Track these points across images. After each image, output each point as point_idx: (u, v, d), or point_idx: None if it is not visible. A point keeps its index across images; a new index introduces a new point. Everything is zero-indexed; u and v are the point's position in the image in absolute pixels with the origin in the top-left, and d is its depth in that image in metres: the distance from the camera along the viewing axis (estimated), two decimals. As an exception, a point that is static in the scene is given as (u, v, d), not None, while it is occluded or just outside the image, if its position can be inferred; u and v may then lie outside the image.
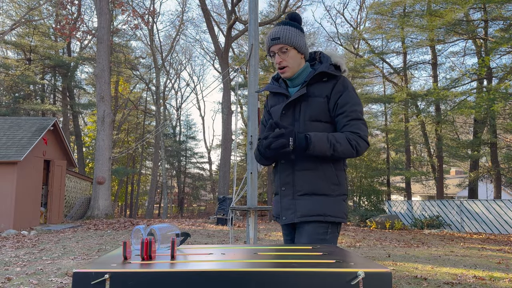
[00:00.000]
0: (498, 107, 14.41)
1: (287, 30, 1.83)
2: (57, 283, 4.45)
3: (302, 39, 1.86)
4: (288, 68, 1.84)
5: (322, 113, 1.79)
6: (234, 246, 1.36)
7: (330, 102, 1.79)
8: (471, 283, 4.80)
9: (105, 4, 15.78)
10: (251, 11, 4.40)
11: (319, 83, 1.82)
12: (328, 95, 1.79)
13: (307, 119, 1.79)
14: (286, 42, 1.82)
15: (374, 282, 0.92)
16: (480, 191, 20.21)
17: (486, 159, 22.12)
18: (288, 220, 1.78)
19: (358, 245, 9.01)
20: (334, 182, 1.77)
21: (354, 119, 1.75)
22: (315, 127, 1.78)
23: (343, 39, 26.52)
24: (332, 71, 1.81)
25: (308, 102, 1.80)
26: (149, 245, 1.08)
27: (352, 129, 1.74)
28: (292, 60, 1.84)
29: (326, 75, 1.82)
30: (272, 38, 1.83)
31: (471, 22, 17.45)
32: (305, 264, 1.00)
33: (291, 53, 1.83)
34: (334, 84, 1.80)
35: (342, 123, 1.77)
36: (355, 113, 1.76)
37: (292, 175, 1.79)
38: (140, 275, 0.92)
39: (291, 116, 1.84)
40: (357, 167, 21.81)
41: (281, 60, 1.83)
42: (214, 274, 0.92)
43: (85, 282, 0.92)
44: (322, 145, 1.66)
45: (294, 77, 1.88)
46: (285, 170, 1.81)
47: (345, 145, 1.69)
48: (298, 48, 1.84)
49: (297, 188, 1.77)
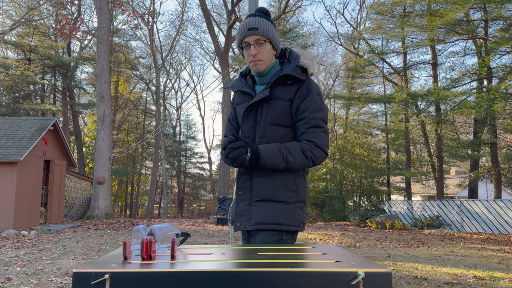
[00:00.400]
0: (498, 107, 14.41)
1: (264, 22, 1.72)
2: (57, 283, 4.45)
3: (276, 35, 1.78)
4: (263, 62, 1.75)
5: (284, 117, 1.71)
6: (234, 246, 1.36)
7: (292, 106, 1.72)
8: (471, 283, 4.80)
9: (105, 4, 15.78)
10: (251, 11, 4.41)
11: (284, 85, 1.74)
12: (292, 98, 1.71)
13: (269, 122, 1.72)
14: (264, 34, 1.71)
15: (374, 282, 0.92)
16: (480, 191, 20.21)
17: (486, 159, 22.13)
18: (242, 227, 1.72)
19: (358, 245, 9.01)
20: (292, 189, 1.70)
21: (313, 127, 1.68)
22: (276, 131, 1.71)
23: (343, 39, 26.54)
24: (298, 74, 1.72)
25: (271, 105, 1.72)
26: (149, 245, 1.08)
27: (310, 137, 1.67)
28: (266, 54, 1.75)
29: (291, 78, 1.73)
30: (249, 28, 1.70)
31: (471, 22, 17.45)
32: (305, 264, 1.00)
33: (267, 47, 1.74)
34: (298, 87, 1.72)
35: (301, 130, 1.70)
36: (315, 120, 1.69)
37: (250, 181, 1.73)
38: (140, 275, 0.92)
39: (253, 119, 1.76)
40: (357, 167, 21.81)
41: (256, 52, 1.72)
42: (214, 274, 0.92)
43: (85, 282, 0.92)
44: (274, 159, 1.60)
45: (264, 73, 1.79)
46: (244, 175, 1.76)
47: (299, 157, 1.63)
48: (273, 42, 1.76)
49: (254, 194, 1.71)
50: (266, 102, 1.73)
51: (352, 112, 28.57)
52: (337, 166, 23.09)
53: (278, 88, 1.73)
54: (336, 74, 31.22)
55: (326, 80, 33.94)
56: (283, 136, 1.71)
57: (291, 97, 1.71)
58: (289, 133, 1.73)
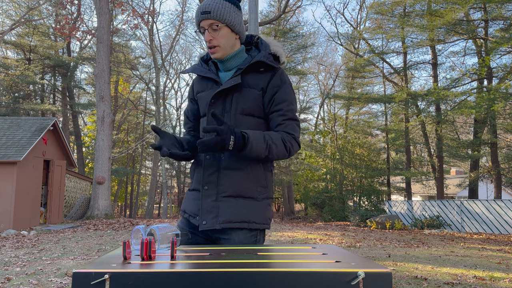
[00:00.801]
0: (498, 107, 14.41)
1: (220, 4, 1.58)
2: (57, 283, 4.44)
3: (237, 17, 1.63)
4: (219, 48, 1.61)
5: (256, 106, 1.61)
6: (234, 246, 1.36)
7: (265, 96, 1.61)
8: (471, 283, 4.80)
9: (105, 4, 15.78)
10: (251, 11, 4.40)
11: (255, 73, 1.62)
12: (264, 87, 1.61)
13: (239, 112, 1.60)
14: (218, 18, 1.57)
15: (374, 282, 0.92)
16: (480, 191, 20.22)
17: (486, 159, 22.15)
18: (209, 225, 1.55)
19: (358, 245, 9.01)
20: (262, 184, 1.60)
21: (290, 119, 1.61)
22: (247, 121, 1.60)
23: (343, 39, 26.55)
24: (271, 61, 1.62)
25: (242, 93, 1.60)
26: (149, 245, 1.08)
27: (288, 129, 1.59)
28: (224, 40, 1.61)
29: (264, 65, 1.62)
30: (202, 12, 1.57)
31: (471, 22, 17.46)
32: (305, 264, 1.00)
33: (223, 31, 1.60)
34: (271, 76, 1.62)
35: (277, 121, 1.61)
36: (292, 113, 1.62)
37: (217, 173, 1.58)
38: (140, 275, 0.92)
39: (221, 107, 1.62)
40: (357, 167, 21.83)
41: (211, 38, 1.59)
42: (214, 274, 0.92)
43: (85, 282, 0.92)
44: (259, 146, 1.48)
45: (225, 59, 1.65)
46: (210, 167, 1.60)
47: (280, 147, 1.55)
48: (231, 26, 1.60)
49: (221, 189, 1.57)
50: (236, 90, 1.60)
51: (352, 112, 28.58)
52: (337, 166, 23.10)
53: (249, 75, 1.62)
54: (336, 74, 31.23)
55: (326, 80, 33.97)
56: (254, 126, 1.61)
57: (263, 86, 1.61)
58: (261, 123, 1.63)
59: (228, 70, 1.68)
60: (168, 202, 31.25)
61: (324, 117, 32.52)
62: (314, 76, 33.67)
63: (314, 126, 31.34)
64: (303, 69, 28.06)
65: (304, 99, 34.72)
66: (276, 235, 10.59)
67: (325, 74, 33.94)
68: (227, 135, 1.39)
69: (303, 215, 28.64)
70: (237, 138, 1.42)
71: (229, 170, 1.57)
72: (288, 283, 0.92)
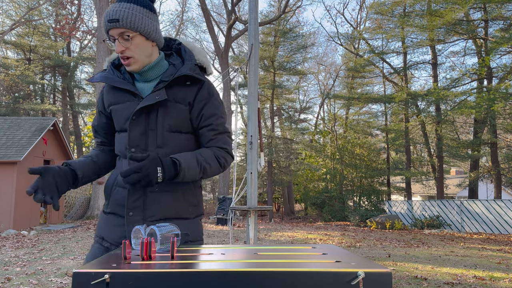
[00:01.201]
0: (498, 107, 14.42)
1: (130, 10, 1.39)
2: (57, 283, 4.45)
3: (152, 22, 1.45)
4: (134, 59, 1.44)
5: (183, 122, 1.49)
6: (234, 246, 1.36)
7: (193, 111, 1.50)
8: (471, 283, 4.80)
9: (105, 4, 15.78)
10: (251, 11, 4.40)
11: (181, 86, 1.48)
12: (191, 102, 1.49)
13: (166, 129, 1.46)
14: (128, 26, 1.38)
15: (374, 282, 0.92)
16: (480, 191, 20.23)
17: (486, 159, 22.16)
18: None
19: (358, 245, 9.01)
20: (193, 203, 1.52)
21: (221, 133, 1.53)
22: (176, 139, 1.48)
23: (343, 39, 26.55)
24: (198, 74, 1.50)
25: (167, 109, 1.46)
26: (149, 245, 1.08)
27: (220, 144, 1.52)
28: (139, 50, 1.43)
29: (190, 79, 1.49)
30: (109, 20, 1.38)
31: (471, 22, 17.47)
32: (305, 264, 1.00)
33: (136, 41, 1.41)
34: (198, 89, 1.50)
35: (207, 136, 1.52)
36: (222, 126, 1.54)
37: (143, 198, 1.44)
38: (140, 275, 0.92)
39: (143, 124, 1.46)
40: (357, 167, 21.83)
41: (123, 48, 1.40)
42: (214, 274, 0.92)
43: (85, 282, 0.92)
44: (193, 171, 1.40)
45: (143, 70, 1.49)
46: (135, 192, 1.44)
47: (214, 166, 1.48)
48: (146, 34, 1.42)
49: (149, 213, 1.43)
50: (161, 105, 1.46)
51: (352, 112, 28.58)
52: (337, 166, 23.10)
53: (174, 89, 1.47)
54: (336, 74, 31.24)
55: (326, 80, 33.98)
56: (184, 143, 1.50)
57: (190, 100, 1.49)
58: (190, 139, 1.53)
59: (148, 81, 1.52)
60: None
61: (324, 117, 32.53)
62: (314, 76, 33.69)
63: (314, 126, 31.35)
64: (303, 69, 28.07)
65: (304, 99, 34.75)
66: (276, 235, 10.59)
67: (325, 74, 33.95)
68: (151, 169, 1.28)
69: (303, 215, 28.66)
70: (166, 168, 1.32)
71: (157, 193, 1.44)
72: (288, 283, 0.92)
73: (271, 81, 25.20)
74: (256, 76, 4.38)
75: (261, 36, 24.43)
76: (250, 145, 4.33)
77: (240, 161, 32.01)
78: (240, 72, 8.20)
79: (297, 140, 28.24)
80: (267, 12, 29.15)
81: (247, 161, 4.40)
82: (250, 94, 4.35)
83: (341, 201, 21.55)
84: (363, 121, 27.96)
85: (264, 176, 27.44)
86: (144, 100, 1.43)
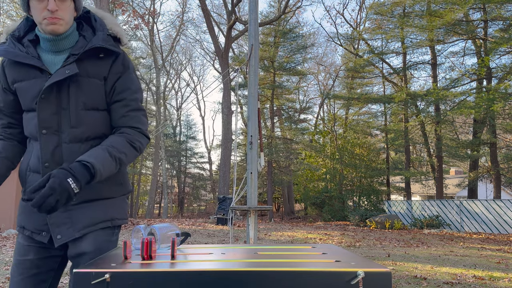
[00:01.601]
0: (497, 107, 14.42)
1: None
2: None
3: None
4: (63, 21, 1.34)
5: (99, 98, 1.39)
6: (234, 246, 1.36)
7: (106, 85, 1.40)
8: (470, 283, 4.81)
9: (106, 4, 15.78)
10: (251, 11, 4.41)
11: (94, 59, 1.38)
12: (106, 75, 1.39)
13: (81, 107, 1.36)
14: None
15: (374, 281, 0.92)
16: (479, 191, 20.23)
17: (485, 159, 22.16)
18: (67, 236, 1.33)
19: (358, 245, 9.01)
20: (118, 182, 1.46)
21: (134, 110, 1.42)
22: (91, 117, 1.38)
23: (343, 39, 26.54)
24: (112, 45, 1.39)
25: (80, 85, 1.36)
26: (149, 245, 1.08)
27: (132, 123, 1.41)
28: (68, 14, 1.35)
29: (103, 51, 1.39)
30: None
31: (471, 22, 17.47)
32: (305, 264, 1.00)
33: (68, 4, 1.35)
34: (112, 61, 1.40)
35: (120, 113, 1.41)
36: (136, 103, 1.43)
37: None
38: (140, 275, 0.93)
39: (55, 102, 1.35)
40: (357, 167, 21.84)
41: (57, 8, 1.31)
42: (214, 274, 0.93)
43: (85, 282, 0.92)
44: (108, 167, 1.29)
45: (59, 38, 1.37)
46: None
47: (129, 153, 1.38)
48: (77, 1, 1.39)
49: None
50: (73, 81, 1.35)
51: (352, 112, 28.58)
52: (336, 166, 23.09)
53: (86, 62, 1.37)
54: (336, 74, 31.23)
55: (325, 81, 33.98)
56: (101, 122, 1.41)
57: (105, 74, 1.39)
58: (106, 117, 1.43)
59: (57, 52, 1.39)
60: (168, 202, 31.26)
61: (323, 117, 32.52)
62: (314, 77, 33.68)
63: (314, 126, 31.32)
64: (303, 69, 28.05)
65: (304, 99, 34.74)
66: (276, 235, 10.60)
67: (324, 74, 33.94)
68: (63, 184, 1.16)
69: (303, 215, 28.66)
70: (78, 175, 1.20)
71: None
72: (288, 283, 0.92)
73: (271, 81, 25.19)
74: (256, 77, 4.39)
75: (261, 36, 24.43)
76: (250, 145, 4.34)
77: (240, 161, 32.01)
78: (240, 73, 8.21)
79: (297, 140, 28.24)
80: (267, 12, 29.14)
81: (247, 161, 4.40)
82: (250, 94, 4.36)
83: (340, 201, 21.55)
84: (363, 121, 27.95)
85: (264, 176, 27.44)
86: (53, 76, 1.32)
